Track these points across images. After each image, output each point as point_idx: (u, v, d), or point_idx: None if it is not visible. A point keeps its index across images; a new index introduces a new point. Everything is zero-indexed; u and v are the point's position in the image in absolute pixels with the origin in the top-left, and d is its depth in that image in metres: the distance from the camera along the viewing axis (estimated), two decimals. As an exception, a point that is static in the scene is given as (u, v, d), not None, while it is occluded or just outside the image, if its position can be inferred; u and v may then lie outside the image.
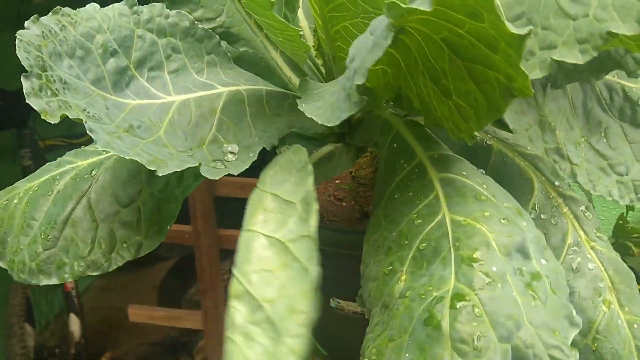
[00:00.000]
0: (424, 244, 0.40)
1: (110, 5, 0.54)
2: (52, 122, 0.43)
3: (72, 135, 2.45)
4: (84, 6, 0.53)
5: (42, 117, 0.43)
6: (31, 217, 0.57)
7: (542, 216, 0.54)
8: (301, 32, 0.50)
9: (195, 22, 0.58)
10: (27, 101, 0.43)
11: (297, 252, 0.39)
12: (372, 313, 0.41)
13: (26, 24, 0.47)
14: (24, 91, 0.43)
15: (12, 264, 0.56)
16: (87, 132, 0.44)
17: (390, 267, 0.41)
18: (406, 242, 0.42)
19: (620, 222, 1.35)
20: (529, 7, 0.48)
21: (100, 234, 0.56)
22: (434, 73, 0.48)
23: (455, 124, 0.48)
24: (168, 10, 0.56)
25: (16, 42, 0.45)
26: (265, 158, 0.53)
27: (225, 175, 0.51)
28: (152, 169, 0.45)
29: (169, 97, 0.54)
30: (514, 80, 0.41)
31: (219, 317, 1.82)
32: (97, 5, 0.52)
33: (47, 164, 0.62)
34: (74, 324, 2.16)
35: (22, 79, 0.44)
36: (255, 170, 0.53)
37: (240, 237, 0.42)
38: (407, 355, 0.37)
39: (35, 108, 0.43)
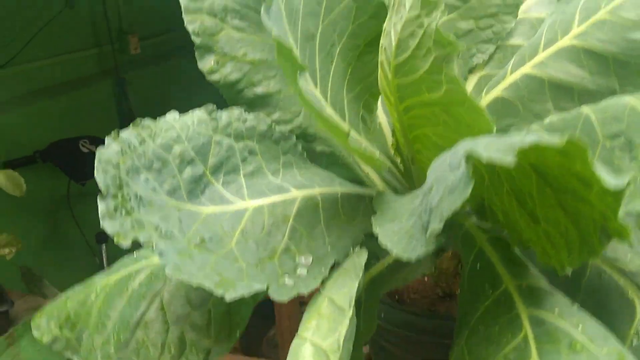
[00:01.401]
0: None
1: (190, 112, 0.54)
2: (124, 246, 0.43)
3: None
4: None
5: (115, 242, 0.43)
6: (106, 316, 0.57)
7: (645, 345, 0.49)
8: (377, 157, 0.48)
9: (273, 125, 0.57)
10: (101, 224, 0.43)
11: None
12: None
13: (107, 140, 0.47)
14: (99, 214, 0.43)
15: (86, 362, 0.57)
16: (157, 256, 0.43)
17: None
18: (491, 393, 0.38)
19: None
20: (629, 126, 0.43)
21: (171, 337, 0.56)
22: (519, 195, 0.44)
23: (544, 250, 0.44)
24: (246, 114, 0.56)
25: (95, 163, 0.45)
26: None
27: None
28: (219, 292, 0.44)
29: (243, 203, 0.54)
30: (609, 221, 0.37)
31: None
32: (176, 115, 0.53)
33: (125, 256, 0.63)
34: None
35: (98, 201, 0.44)
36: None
37: (293, 341, 0.41)
38: None
39: (107, 232, 0.43)
